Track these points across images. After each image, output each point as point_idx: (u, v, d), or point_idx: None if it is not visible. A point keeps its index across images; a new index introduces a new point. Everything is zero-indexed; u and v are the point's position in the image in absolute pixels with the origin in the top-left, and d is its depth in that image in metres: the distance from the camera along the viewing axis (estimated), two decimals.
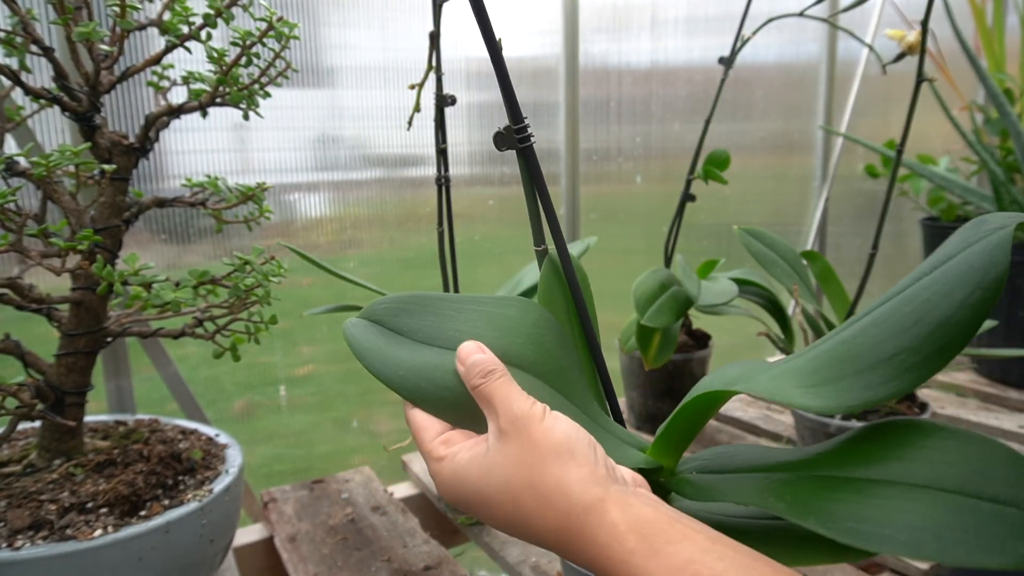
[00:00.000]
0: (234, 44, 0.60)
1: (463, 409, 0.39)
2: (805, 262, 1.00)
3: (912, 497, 0.32)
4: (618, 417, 0.47)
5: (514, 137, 0.44)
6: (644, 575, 0.31)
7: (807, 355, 0.39)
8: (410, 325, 0.41)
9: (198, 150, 0.95)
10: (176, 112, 0.62)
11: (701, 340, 1.08)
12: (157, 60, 0.61)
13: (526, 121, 0.44)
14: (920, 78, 0.80)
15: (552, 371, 0.41)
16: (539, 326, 0.42)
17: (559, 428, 0.36)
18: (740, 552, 0.31)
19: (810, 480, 0.36)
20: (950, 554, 0.30)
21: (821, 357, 0.37)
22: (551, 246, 0.47)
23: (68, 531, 0.51)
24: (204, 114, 0.63)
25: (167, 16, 0.58)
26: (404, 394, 0.39)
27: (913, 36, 0.84)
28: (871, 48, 0.97)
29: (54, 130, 0.85)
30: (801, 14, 0.91)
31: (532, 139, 0.44)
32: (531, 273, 0.88)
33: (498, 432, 0.36)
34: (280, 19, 0.60)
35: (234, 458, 0.64)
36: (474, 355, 0.39)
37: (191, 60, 0.61)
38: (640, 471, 0.41)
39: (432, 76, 0.72)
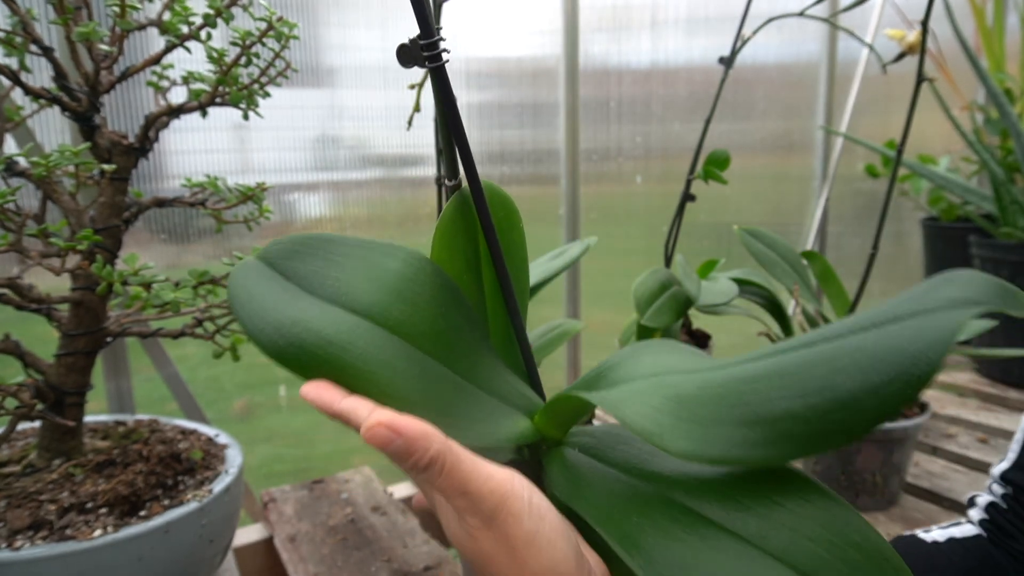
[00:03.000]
0: (234, 44, 0.60)
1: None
2: (805, 262, 1.00)
3: (753, 567, 0.28)
4: (534, 375, 0.42)
5: (420, 52, 0.35)
6: None
7: (713, 375, 0.33)
8: (298, 270, 0.36)
9: (198, 150, 0.95)
10: (176, 112, 0.62)
11: (701, 340, 1.08)
12: (157, 60, 0.61)
13: (440, 35, 0.36)
14: (920, 78, 0.80)
15: (424, 333, 0.36)
16: (417, 281, 0.37)
17: (543, 536, 0.31)
18: None
19: (668, 506, 0.31)
20: None
21: (717, 387, 0.31)
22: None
23: (68, 531, 0.51)
24: (204, 114, 0.63)
25: (167, 16, 0.58)
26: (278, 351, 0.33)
27: (913, 36, 0.84)
28: (871, 48, 0.97)
29: (54, 130, 0.85)
30: (801, 14, 0.91)
31: (446, 58, 0.36)
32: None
33: (463, 514, 0.31)
34: (280, 19, 0.60)
35: (234, 458, 0.64)
36: (398, 439, 0.29)
37: (191, 60, 0.61)
38: (525, 445, 0.38)
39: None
